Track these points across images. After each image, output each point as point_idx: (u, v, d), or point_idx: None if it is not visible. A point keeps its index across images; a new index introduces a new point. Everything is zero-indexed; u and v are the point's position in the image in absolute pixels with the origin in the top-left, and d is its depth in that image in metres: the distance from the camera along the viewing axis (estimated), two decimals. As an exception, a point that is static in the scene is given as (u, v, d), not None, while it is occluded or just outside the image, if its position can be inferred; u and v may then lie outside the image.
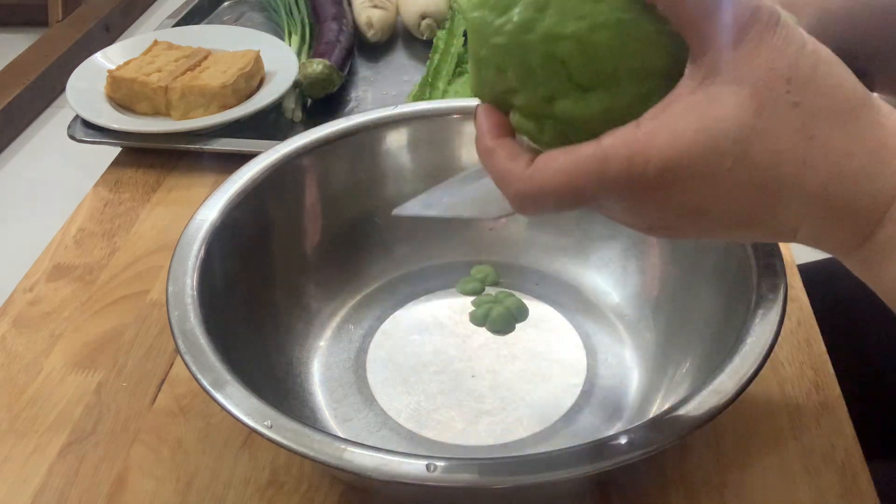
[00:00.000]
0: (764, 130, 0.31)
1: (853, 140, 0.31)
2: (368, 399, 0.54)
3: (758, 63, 0.31)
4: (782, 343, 0.56)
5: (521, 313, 0.60)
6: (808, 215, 0.32)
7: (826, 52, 0.32)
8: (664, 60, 0.33)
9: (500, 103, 0.36)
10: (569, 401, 0.54)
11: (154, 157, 0.77)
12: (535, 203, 0.34)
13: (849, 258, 0.34)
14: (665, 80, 0.33)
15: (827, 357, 0.56)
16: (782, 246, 0.51)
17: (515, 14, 0.34)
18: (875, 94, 0.33)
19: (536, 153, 0.34)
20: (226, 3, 1.08)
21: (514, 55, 0.34)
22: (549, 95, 0.34)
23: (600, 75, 0.33)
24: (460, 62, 0.87)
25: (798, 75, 0.31)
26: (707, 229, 0.34)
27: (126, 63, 0.82)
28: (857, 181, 0.31)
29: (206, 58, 0.84)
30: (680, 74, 0.32)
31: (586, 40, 0.32)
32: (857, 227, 0.32)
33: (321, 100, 0.85)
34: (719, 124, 0.31)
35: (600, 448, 0.39)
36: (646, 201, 0.33)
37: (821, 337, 0.57)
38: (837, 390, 0.54)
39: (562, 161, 0.32)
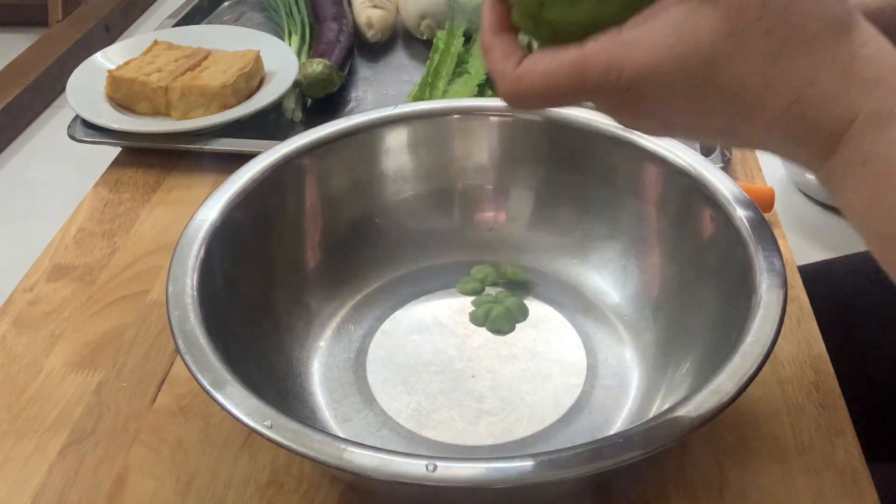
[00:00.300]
0: (733, 54, 0.32)
1: (818, 67, 0.32)
2: (368, 399, 0.54)
3: None
4: (782, 343, 0.56)
5: (521, 313, 0.60)
6: (772, 133, 0.34)
7: None
8: None
9: None
10: (569, 401, 0.54)
11: (154, 157, 0.77)
12: (522, 101, 0.36)
13: (816, 174, 0.35)
14: None
15: (827, 357, 0.56)
16: (782, 246, 0.51)
17: None
18: (862, 20, 0.33)
19: (532, 50, 0.36)
20: (226, 3, 1.08)
21: None
22: (539, 1, 0.35)
23: None
24: (460, 62, 0.87)
25: (772, 1, 0.31)
26: (676, 134, 0.38)
27: (126, 63, 0.82)
28: (817, 106, 0.33)
29: (206, 58, 0.84)
30: None
31: None
32: (818, 148, 0.34)
33: (321, 100, 0.85)
34: (691, 44, 0.32)
35: (600, 448, 0.39)
36: (618, 105, 0.35)
37: (821, 337, 0.57)
38: (837, 390, 0.53)
39: (546, 64, 0.34)
